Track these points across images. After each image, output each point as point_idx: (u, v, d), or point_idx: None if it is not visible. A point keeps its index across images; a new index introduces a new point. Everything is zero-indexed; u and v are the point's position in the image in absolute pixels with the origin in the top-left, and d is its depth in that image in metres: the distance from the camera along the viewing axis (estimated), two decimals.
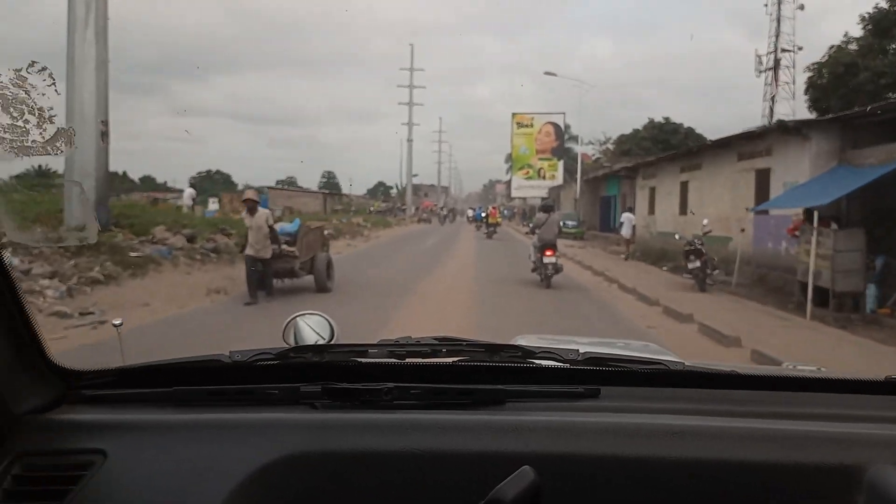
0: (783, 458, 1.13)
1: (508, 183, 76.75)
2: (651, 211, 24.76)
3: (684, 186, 21.27)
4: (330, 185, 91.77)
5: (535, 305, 11.33)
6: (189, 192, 24.40)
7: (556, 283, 13.55)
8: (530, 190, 63.76)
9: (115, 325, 1.83)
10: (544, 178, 64.15)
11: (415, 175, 72.39)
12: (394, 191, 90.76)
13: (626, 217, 23.42)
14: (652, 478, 1.13)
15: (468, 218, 60.73)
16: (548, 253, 13.15)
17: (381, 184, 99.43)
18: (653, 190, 24.77)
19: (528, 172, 64.20)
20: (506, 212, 70.71)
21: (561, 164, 63.34)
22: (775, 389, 1.38)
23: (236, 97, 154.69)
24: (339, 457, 1.15)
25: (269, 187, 55.69)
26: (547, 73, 41.52)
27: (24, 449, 1.14)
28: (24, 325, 1.17)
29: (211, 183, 69.41)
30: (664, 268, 19.46)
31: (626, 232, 23.05)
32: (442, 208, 61.98)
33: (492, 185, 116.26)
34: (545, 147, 64.27)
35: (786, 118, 22.57)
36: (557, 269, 13.30)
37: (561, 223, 18.44)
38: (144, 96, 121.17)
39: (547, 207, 14.78)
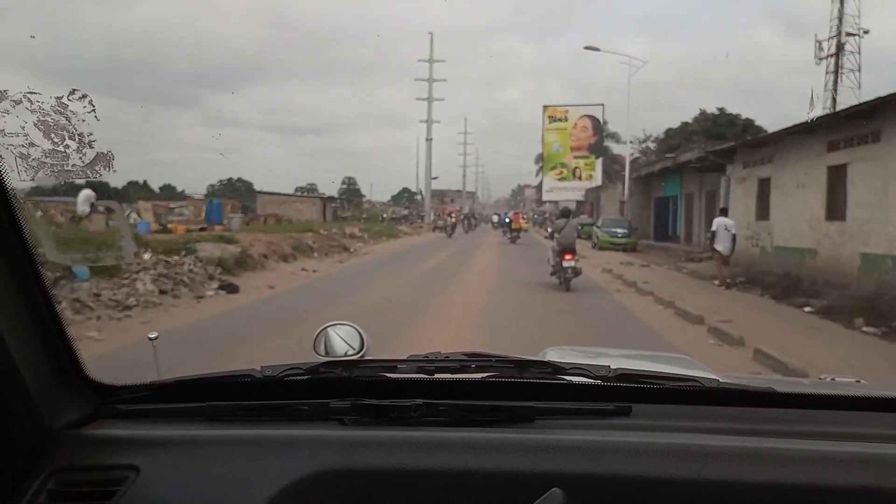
0: (821, 480, 1.10)
1: (539, 185, 69.10)
2: (763, 215, 16.57)
3: (836, 173, 13.12)
4: (350, 191, 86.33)
5: None
6: (85, 194, 16.86)
7: None
8: (564, 192, 55.25)
9: (150, 339, 1.73)
10: (580, 178, 55.67)
11: (435, 178, 64.58)
12: (419, 197, 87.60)
13: (720, 223, 15.21)
14: (685, 500, 1.11)
15: (493, 224, 55.44)
16: (567, 257, 13.08)
17: (405, 190, 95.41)
18: (765, 183, 16.58)
19: (561, 172, 55.82)
20: (536, 217, 62.88)
21: (599, 162, 54.76)
22: (813, 408, 1.34)
23: (268, 108, 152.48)
24: (367, 474, 1.14)
25: (260, 192, 48.21)
26: (588, 48, 33.39)
27: (59, 464, 1.15)
28: (61, 339, 1.19)
29: (232, 191, 66.45)
30: (806, 309, 11.42)
31: (722, 246, 14.90)
32: (450, 214, 52.82)
33: (520, 190, 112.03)
34: (581, 144, 55.51)
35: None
36: (576, 272, 13.17)
37: (580, 227, 17.96)
38: (180, 108, 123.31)
39: (566, 212, 14.99)
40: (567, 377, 1.36)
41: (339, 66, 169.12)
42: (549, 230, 16.03)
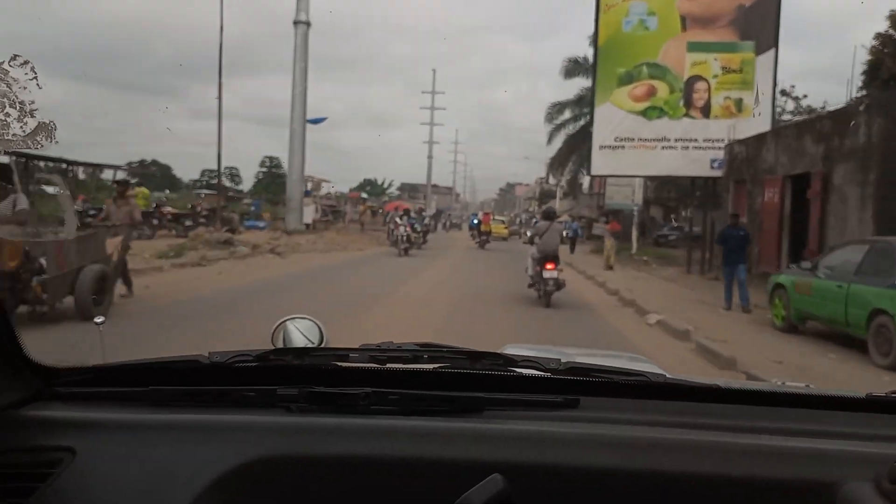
0: (761, 473, 1.14)
1: (576, 153, 34.98)
2: None
3: None
4: (272, 175, 66.19)
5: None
6: None
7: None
8: (653, 157, 18.10)
9: (96, 323, 1.76)
10: (705, 112, 18.20)
11: (320, 119, 28.34)
12: (391, 190, 73.18)
13: None
14: (628, 490, 1.13)
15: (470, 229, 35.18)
16: (548, 266, 10.65)
17: (367, 181, 76.46)
18: None
19: (650, 91, 18.38)
20: (535, 220, 28.92)
21: (769, 62, 17.88)
22: (756, 404, 1.37)
23: (252, 100, 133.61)
24: (312, 461, 1.15)
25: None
26: None
27: None
28: (0, 319, 1.17)
29: (145, 175, 53.74)
30: None
31: None
32: (402, 214, 23.32)
33: (510, 189, 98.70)
34: (720, 9, 18.05)
35: None
36: (559, 284, 10.75)
37: (564, 233, 13.82)
38: (164, 98, 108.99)
39: (549, 213, 12.04)
40: (518, 369, 1.37)
41: (328, 60, 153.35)
42: (529, 234, 13.24)
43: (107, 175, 18.91)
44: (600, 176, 22.38)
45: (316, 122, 26.66)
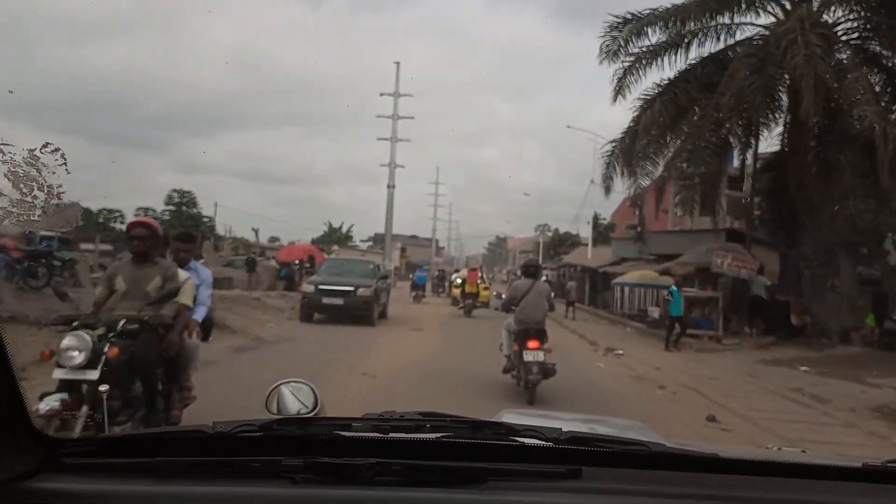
0: None
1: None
2: None
3: None
4: (184, 216, 54.52)
5: None
6: None
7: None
8: None
9: (101, 392, 1.67)
10: None
11: None
12: (353, 239, 62.60)
13: None
14: None
15: (413, 289, 28.18)
16: (531, 344, 7.74)
17: (332, 229, 66.93)
18: None
19: None
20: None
21: None
22: (756, 474, 1.37)
23: (241, 155, 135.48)
24: None
25: None
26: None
27: None
28: (8, 389, 1.19)
29: None
30: None
31: None
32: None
33: (500, 243, 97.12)
34: None
35: None
36: (546, 371, 7.70)
37: (552, 295, 9.04)
38: (151, 152, 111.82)
39: (530, 268, 8.75)
40: (520, 438, 1.37)
41: (317, 116, 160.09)
42: (503, 297, 9.72)
43: None
44: None
45: None
